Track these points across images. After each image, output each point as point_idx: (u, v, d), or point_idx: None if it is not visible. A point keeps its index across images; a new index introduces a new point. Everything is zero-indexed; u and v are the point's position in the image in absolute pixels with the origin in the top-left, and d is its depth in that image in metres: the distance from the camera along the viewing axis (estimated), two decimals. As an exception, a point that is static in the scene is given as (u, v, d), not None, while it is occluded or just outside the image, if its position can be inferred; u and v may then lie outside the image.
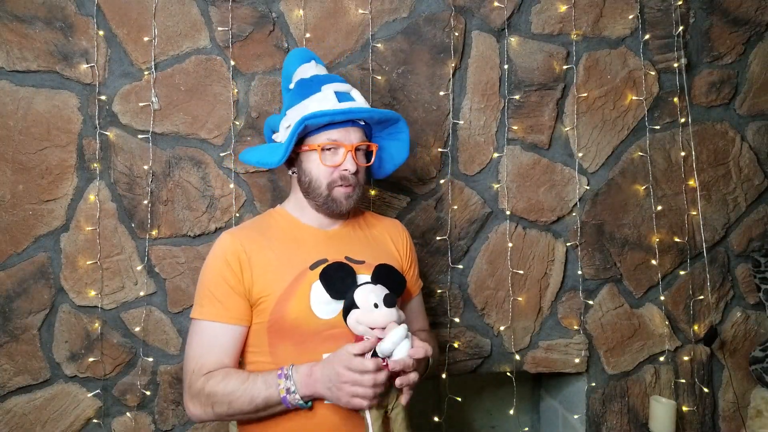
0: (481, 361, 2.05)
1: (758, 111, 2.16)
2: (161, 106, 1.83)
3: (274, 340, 1.28)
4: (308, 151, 1.33)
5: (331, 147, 1.31)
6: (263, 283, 1.28)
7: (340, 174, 1.31)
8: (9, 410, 1.79)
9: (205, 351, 1.27)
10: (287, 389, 1.17)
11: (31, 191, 1.78)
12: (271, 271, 1.29)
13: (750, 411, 2.17)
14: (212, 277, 1.30)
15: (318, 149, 1.30)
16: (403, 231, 1.54)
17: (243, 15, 1.86)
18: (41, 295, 1.79)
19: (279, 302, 1.27)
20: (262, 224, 1.41)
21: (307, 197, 1.37)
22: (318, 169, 1.32)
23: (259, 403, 1.19)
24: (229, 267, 1.29)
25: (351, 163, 1.31)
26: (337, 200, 1.33)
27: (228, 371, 1.25)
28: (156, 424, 1.86)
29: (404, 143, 1.47)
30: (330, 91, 1.34)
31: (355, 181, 1.34)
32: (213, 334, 1.28)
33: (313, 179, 1.33)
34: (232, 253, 1.30)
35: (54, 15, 1.76)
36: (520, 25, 2.00)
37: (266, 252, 1.32)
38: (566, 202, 2.06)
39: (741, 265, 2.18)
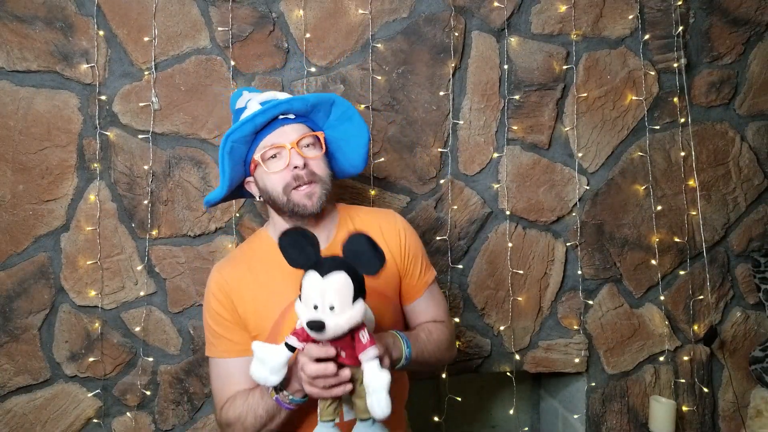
0: (481, 361, 2.05)
1: (758, 111, 2.16)
2: (161, 106, 1.83)
3: None
4: (256, 169, 1.29)
5: (273, 153, 1.26)
6: (254, 319, 1.29)
7: (292, 175, 1.25)
8: (9, 410, 1.79)
9: (224, 386, 1.29)
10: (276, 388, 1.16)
11: (32, 191, 1.78)
12: (259, 306, 1.29)
13: (750, 411, 2.17)
14: (211, 315, 1.32)
15: (259, 160, 1.26)
16: (396, 222, 1.42)
17: (243, 15, 1.86)
18: (41, 295, 1.79)
19: (269, 339, 1.26)
20: (247, 253, 1.38)
21: (275, 209, 1.33)
22: (270, 179, 1.27)
23: (261, 413, 1.20)
24: (221, 304, 1.30)
25: (296, 157, 1.24)
26: (299, 203, 1.25)
27: (234, 396, 1.26)
28: (156, 424, 1.87)
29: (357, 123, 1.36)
30: (254, 104, 1.29)
31: (312, 177, 1.26)
32: (226, 368, 1.30)
33: (270, 191, 1.28)
34: (219, 289, 1.31)
35: (54, 15, 1.77)
36: (520, 25, 2.00)
37: (253, 286, 1.30)
38: (566, 202, 2.06)
39: (741, 265, 2.18)
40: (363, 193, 1.94)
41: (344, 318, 1.01)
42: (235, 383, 1.28)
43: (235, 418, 1.22)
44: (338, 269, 1.02)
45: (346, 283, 1.01)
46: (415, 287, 1.42)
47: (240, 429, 1.22)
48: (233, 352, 1.29)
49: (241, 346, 1.28)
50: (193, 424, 1.88)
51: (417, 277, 1.41)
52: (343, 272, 1.01)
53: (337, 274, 1.01)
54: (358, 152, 1.40)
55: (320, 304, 1.01)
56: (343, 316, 1.01)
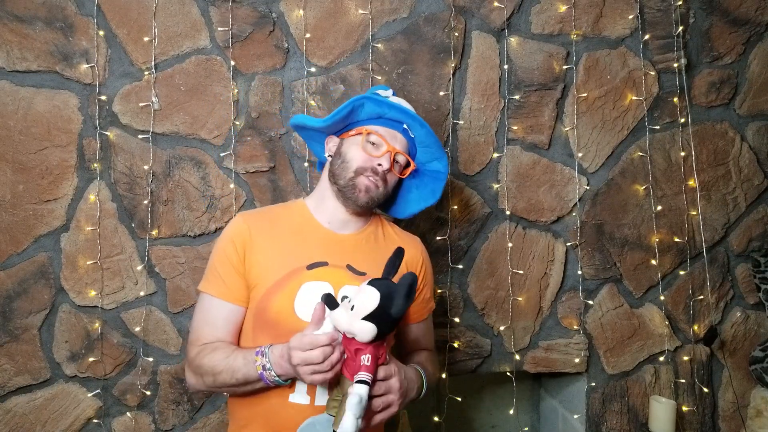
0: (481, 361, 2.05)
1: (758, 111, 2.16)
2: (161, 106, 1.83)
3: (256, 329, 1.31)
4: (353, 136, 1.37)
5: (375, 141, 1.34)
6: (258, 270, 1.30)
7: (372, 165, 1.33)
8: (9, 410, 1.79)
9: (203, 324, 1.33)
10: (263, 366, 1.19)
11: (32, 191, 1.78)
12: (268, 260, 1.31)
13: (750, 411, 2.17)
14: (219, 254, 1.34)
15: (364, 134, 1.34)
16: (421, 251, 1.50)
17: (243, 15, 1.86)
18: (41, 295, 1.79)
19: (267, 293, 1.29)
20: (277, 213, 1.42)
21: (332, 181, 1.37)
22: (355, 152, 1.34)
23: (239, 377, 1.22)
24: (234, 248, 1.32)
25: (387, 161, 1.33)
26: (358, 187, 1.32)
27: (217, 345, 1.29)
28: (156, 424, 1.87)
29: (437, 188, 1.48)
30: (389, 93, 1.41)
31: (382, 178, 1.34)
32: (213, 308, 1.33)
33: (347, 160, 1.34)
34: (238, 234, 1.33)
35: (54, 15, 1.77)
36: (520, 25, 2.00)
37: (270, 241, 1.33)
38: (566, 202, 2.06)
39: (741, 265, 2.18)
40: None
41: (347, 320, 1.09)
42: (215, 326, 1.32)
43: (209, 367, 1.25)
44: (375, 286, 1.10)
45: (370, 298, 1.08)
46: (419, 312, 1.49)
47: (209, 378, 1.26)
48: (224, 295, 1.32)
49: (232, 293, 1.32)
50: (193, 424, 1.88)
51: (422, 304, 1.49)
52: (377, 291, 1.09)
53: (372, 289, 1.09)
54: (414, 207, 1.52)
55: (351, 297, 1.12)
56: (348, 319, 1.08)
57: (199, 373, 1.28)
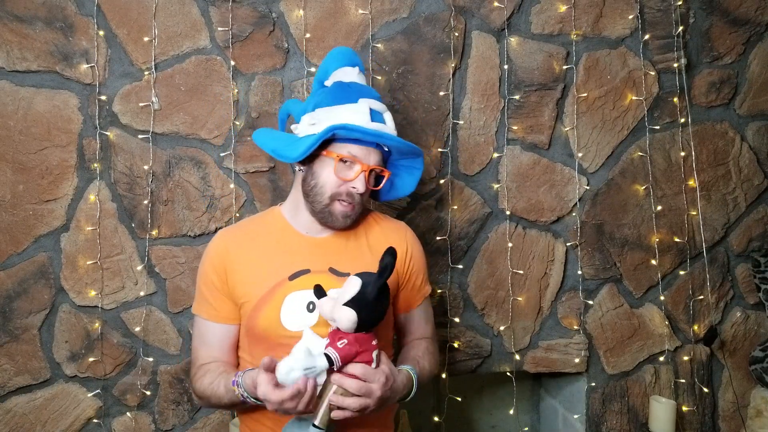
0: (481, 361, 2.05)
1: (758, 111, 2.16)
2: (161, 106, 1.84)
3: (250, 343, 1.33)
4: (325, 157, 1.29)
5: (348, 161, 1.28)
6: (242, 288, 1.31)
7: (347, 189, 1.28)
8: (9, 410, 1.79)
9: (200, 344, 1.38)
10: (242, 395, 1.20)
11: (32, 191, 1.78)
12: (251, 277, 1.31)
13: (750, 411, 2.17)
14: (203, 277, 1.36)
15: (336, 159, 1.27)
16: (406, 237, 1.46)
17: (243, 15, 1.86)
18: (41, 295, 1.79)
19: (253, 310, 1.29)
20: (255, 226, 1.41)
21: (306, 199, 1.33)
22: (328, 177, 1.28)
23: (226, 402, 1.28)
24: (215, 270, 1.33)
25: (361, 184, 1.27)
26: (335, 215, 1.30)
27: (208, 368, 1.33)
28: (156, 424, 1.87)
29: (415, 178, 1.45)
30: (365, 107, 1.29)
31: (358, 201, 1.31)
32: (206, 330, 1.37)
33: (320, 185, 1.29)
34: (217, 255, 1.34)
35: (54, 15, 1.76)
36: (520, 25, 2.00)
37: (250, 257, 1.33)
38: (566, 202, 2.06)
39: (741, 265, 2.18)
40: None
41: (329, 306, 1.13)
42: (209, 347, 1.36)
43: (201, 392, 1.32)
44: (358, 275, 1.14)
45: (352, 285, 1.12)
46: (413, 298, 1.46)
47: (204, 401, 1.34)
48: (213, 317, 1.34)
49: (221, 314, 1.34)
50: (193, 424, 1.88)
51: (416, 289, 1.46)
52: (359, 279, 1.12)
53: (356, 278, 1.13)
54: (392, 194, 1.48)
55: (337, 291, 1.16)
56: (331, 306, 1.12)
57: (197, 395, 1.36)
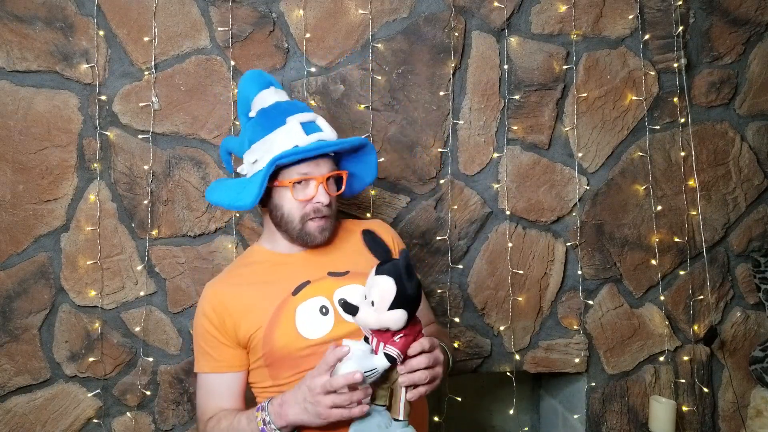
0: (481, 361, 2.05)
1: (758, 111, 2.16)
2: (161, 106, 1.84)
3: (274, 372, 1.30)
4: (279, 187, 1.31)
5: (301, 180, 1.29)
6: (247, 323, 1.29)
7: (313, 207, 1.30)
8: (9, 410, 1.79)
9: (205, 400, 1.34)
10: (263, 420, 1.18)
11: (32, 191, 1.78)
12: (253, 308, 1.30)
13: (750, 411, 2.17)
14: (200, 332, 1.35)
15: (290, 185, 1.28)
16: (387, 228, 1.51)
17: (243, 15, 1.86)
18: (41, 295, 1.79)
19: (267, 334, 1.27)
20: (240, 266, 1.42)
21: (280, 230, 1.35)
22: (290, 204, 1.30)
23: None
24: (210, 321, 1.31)
25: (323, 195, 1.29)
26: (311, 234, 1.31)
27: (221, 415, 1.29)
28: (156, 424, 1.87)
29: (372, 165, 1.45)
30: (295, 123, 1.29)
31: (328, 212, 1.32)
32: (210, 383, 1.34)
33: (286, 214, 1.31)
34: (210, 308, 1.32)
35: (54, 15, 1.76)
36: (520, 25, 2.00)
37: (243, 294, 1.32)
38: (566, 202, 2.06)
39: (741, 265, 2.18)
40: (363, 193, 1.94)
41: (375, 317, 1.08)
42: (217, 398, 1.32)
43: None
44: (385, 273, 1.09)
45: (388, 287, 1.08)
46: None
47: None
48: (216, 368, 1.32)
49: (224, 363, 1.32)
50: (193, 424, 1.88)
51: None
52: (389, 278, 1.08)
53: (384, 277, 1.09)
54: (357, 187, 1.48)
55: (368, 294, 1.10)
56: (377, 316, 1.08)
57: None
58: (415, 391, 1.12)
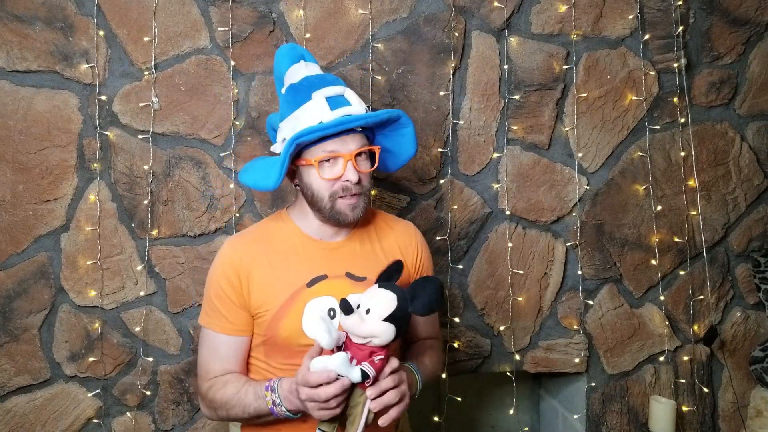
0: (481, 361, 2.05)
1: (758, 111, 2.16)
2: (161, 106, 1.84)
3: (269, 352, 1.31)
4: (306, 166, 1.26)
5: (329, 158, 1.23)
6: (260, 299, 1.28)
7: (342, 185, 1.24)
8: (9, 410, 1.79)
9: (211, 358, 1.32)
10: (273, 401, 1.18)
11: (32, 191, 1.78)
12: (268, 286, 1.28)
13: (750, 411, 2.17)
14: (214, 288, 1.31)
15: (315, 164, 1.23)
16: (415, 236, 1.45)
17: (243, 15, 1.86)
18: (41, 295, 1.79)
19: (273, 320, 1.27)
20: (265, 233, 1.37)
21: (313, 208, 1.31)
22: (318, 183, 1.25)
23: (251, 412, 1.23)
24: (228, 281, 1.28)
25: (353, 173, 1.23)
26: (342, 212, 1.26)
27: (227, 379, 1.28)
28: (156, 424, 1.87)
29: (409, 138, 1.36)
30: (321, 98, 1.24)
31: (359, 190, 1.25)
32: (217, 343, 1.31)
33: (315, 193, 1.26)
34: (230, 266, 1.29)
35: (54, 15, 1.77)
36: (520, 25, 2.00)
37: (265, 266, 1.30)
38: (566, 202, 2.06)
39: (741, 265, 2.18)
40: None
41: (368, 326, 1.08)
42: (224, 360, 1.31)
43: (221, 401, 1.26)
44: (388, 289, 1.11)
45: (388, 300, 1.08)
46: None
47: (223, 410, 1.27)
48: (226, 330, 1.30)
49: (235, 326, 1.30)
50: (193, 424, 1.88)
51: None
52: (392, 293, 1.09)
53: (387, 291, 1.10)
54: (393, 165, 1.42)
55: (363, 303, 1.10)
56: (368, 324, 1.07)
57: (213, 407, 1.29)
58: (387, 416, 1.12)
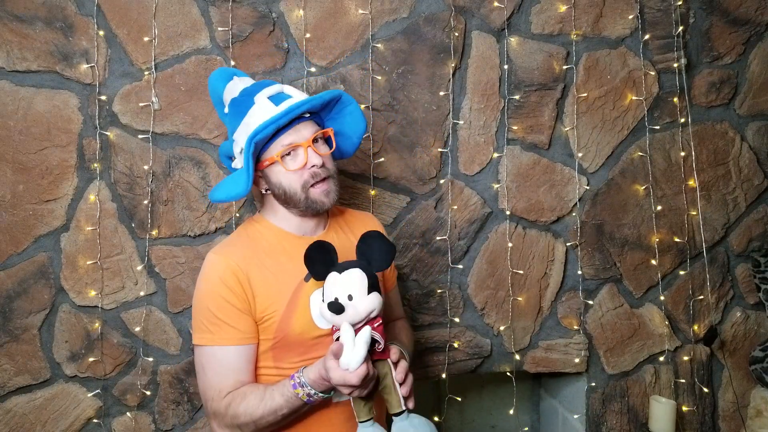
0: (481, 361, 2.05)
1: (758, 111, 2.16)
2: (161, 106, 1.84)
3: (279, 355, 1.30)
4: (270, 166, 1.31)
5: (289, 152, 1.28)
6: (265, 302, 1.28)
7: (310, 173, 1.29)
8: (9, 410, 1.79)
9: (222, 377, 1.27)
10: (308, 395, 1.18)
11: (32, 191, 1.78)
12: (270, 287, 1.29)
13: (750, 411, 2.17)
14: (215, 302, 1.27)
15: (278, 159, 1.28)
16: (376, 224, 1.54)
17: (243, 15, 1.86)
18: (41, 295, 1.79)
19: (282, 319, 1.27)
20: (248, 238, 1.38)
21: (287, 206, 1.35)
22: (287, 177, 1.30)
23: (285, 413, 1.21)
24: (229, 288, 1.27)
25: (315, 157, 1.28)
26: (318, 200, 1.30)
27: (245, 391, 1.25)
28: (156, 424, 1.87)
29: (356, 114, 1.41)
30: (263, 99, 1.30)
31: (326, 173, 1.31)
32: (227, 357, 1.27)
33: (287, 189, 1.30)
34: (229, 274, 1.27)
35: (54, 15, 1.76)
36: (520, 25, 2.00)
37: (262, 270, 1.30)
38: (566, 202, 2.06)
39: (741, 265, 2.18)
40: (363, 193, 1.94)
41: (362, 305, 1.13)
42: (236, 372, 1.27)
43: (245, 414, 1.21)
44: (353, 266, 1.16)
45: (360, 276, 1.15)
46: (389, 281, 1.56)
47: (250, 423, 1.22)
48: (236, 340, 1.27)
49: (244, 334, 1.27)
50: (193, 424, 1.88)
51: (391, 272, 1.56)
52: (357, 268, 1.15)
53: (352, 270, 1.15)
54: (352, 143, 1.46)
55: (340, 296, 1.13)
56: (361, 304, 1.13)
57: (235, 424, 1.23)
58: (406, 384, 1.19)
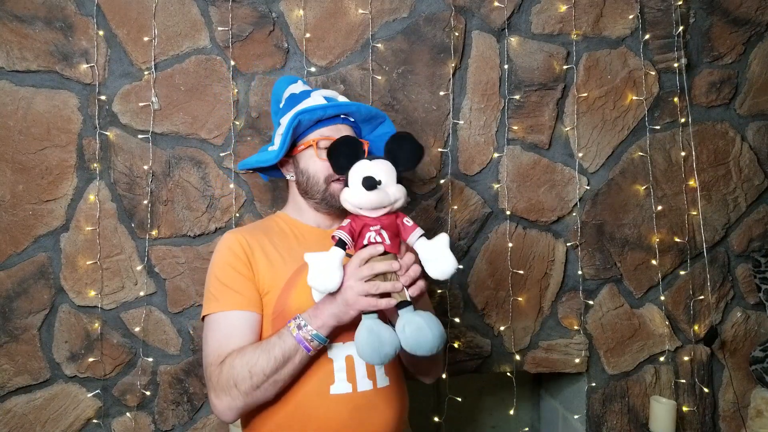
0: (481, 361, 2.05)
1: (758, 111, 2.16)
2: (161, 106, 1.83)
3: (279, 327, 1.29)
4: (303, 150, 1.39)
5: (325, 145, 1.34)
6: (267, 277, 1.31)
7: None
8: (9, 410, 1.79)
9: (223, 342, 1.25)
10: (298, 325, 1.19)
11: (31, 191, 1.78)
12: (273, 265, 1.32)
13: (750, 411, 2.17)
14: (222, 270, 1.31)
15: (313, 144, 1.37)
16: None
17: (243, 15, 1.86)
18: (41, 295, 1.79)
19: (281, 295, 1.30)
20: (264, 225, 1.45)
21: (306, 197, 1.41)
22: (315, 164, 1.37)
23: (277, 356, 1.18)
24: (237, 257, 1.31)
25: None
26: (335, 194, 1.35)
27: (244, 348, 1.23)
28: (156, 424, 1.86)
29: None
30: (318, 95, 1.43)
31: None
32: (231, 323, 1.27)
33: (311, 175, 1.37)
34: (237, 245, 1.33)
35: (54, 15, 1.76)
36: (520, 25, 2.00)
37: (268, 248, 1.35)
38: (566, 202, 2.06)
39: (741, 265, 2.18)
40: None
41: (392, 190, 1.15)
42: (239, 336, 1.25)
43: (242, 365, 1.19)
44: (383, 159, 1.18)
45: (390, 166, 1.17)
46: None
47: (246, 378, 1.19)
48: (241, 305, 1.27)
49: (248, 300, 1.28)
50: (193, 424, 1.88)
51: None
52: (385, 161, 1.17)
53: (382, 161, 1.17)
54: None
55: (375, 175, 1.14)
56: (390, 191, 1.15)
57: (233, 384, 1.19)
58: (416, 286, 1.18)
